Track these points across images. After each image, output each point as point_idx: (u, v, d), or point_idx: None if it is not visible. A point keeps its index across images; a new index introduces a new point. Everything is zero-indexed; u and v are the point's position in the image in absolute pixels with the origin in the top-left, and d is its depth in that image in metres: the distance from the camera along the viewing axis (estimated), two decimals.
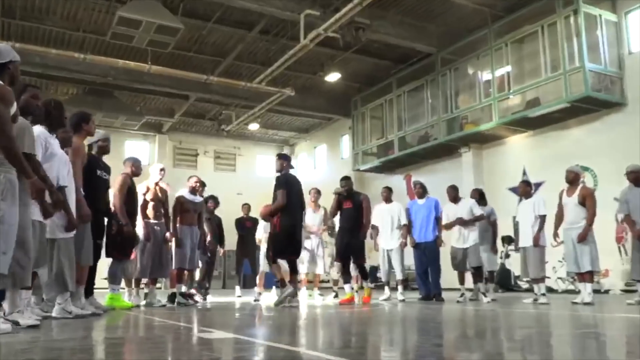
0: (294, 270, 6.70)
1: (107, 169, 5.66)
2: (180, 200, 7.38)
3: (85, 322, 4.16)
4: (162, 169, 7.11)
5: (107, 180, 5.64)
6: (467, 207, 7.81)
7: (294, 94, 15.74)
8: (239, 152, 22.72)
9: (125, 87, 16.21)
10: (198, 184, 7.55)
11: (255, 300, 8.29)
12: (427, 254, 7.97)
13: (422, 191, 8.22)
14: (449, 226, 7.79)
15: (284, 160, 7.19)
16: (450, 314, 5.17)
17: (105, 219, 5.76)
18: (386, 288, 8.37)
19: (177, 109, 18.88)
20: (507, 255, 11.92)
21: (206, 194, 8.71)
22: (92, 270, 5.26)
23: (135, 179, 6.53)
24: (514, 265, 11.08)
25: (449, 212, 7.95)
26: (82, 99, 16.12)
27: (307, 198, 7.97)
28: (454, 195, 8.02)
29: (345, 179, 7.79)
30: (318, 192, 8.86)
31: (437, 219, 7.98)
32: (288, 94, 15.66)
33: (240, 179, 22.04)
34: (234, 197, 15.77)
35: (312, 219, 8.74)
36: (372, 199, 8.41)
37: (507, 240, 11.59)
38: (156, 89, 16.14)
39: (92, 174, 5.34)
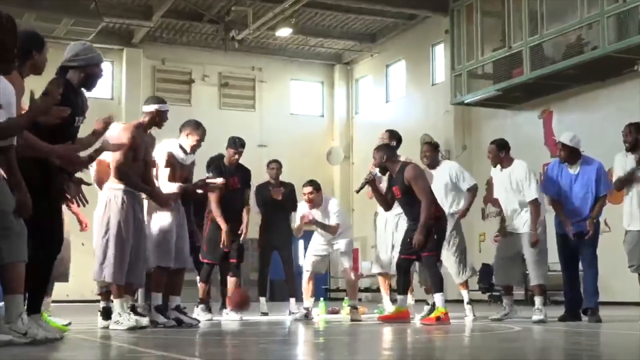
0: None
1: None
2: (167, 158, 7.57)
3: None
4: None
5: None
6: None
7: None
8: (259, 77, 22.84)
9: None
10: (198, 140, 7.76)
11: (305, 317, 8.94)
12: (581, 246, 8.33)
13: (573, 153, 8.39)
14: (623, 183, 8.03)
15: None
16: None
17: None
18: (506, 301, 8.93)
19: (156, 5, 18.97)
20: None
21: (210, 146, 8.84)
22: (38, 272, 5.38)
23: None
24: None
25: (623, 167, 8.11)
26: None
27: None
28: (634, 139, 8.02)
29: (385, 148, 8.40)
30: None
31: (598, 199, 8.30)
32: None
33: (264, 122, 22.23)
34: (254, 151, 15.77)
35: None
36: (486, 152, 8.77)
37: None
38: None
39: None
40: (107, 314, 7.55)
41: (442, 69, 19.47)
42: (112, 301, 7.24)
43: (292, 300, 10.10)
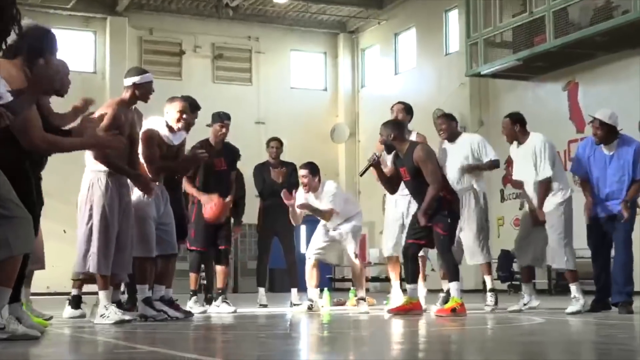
0: None
1: None
2: (152, 137, 7.51)
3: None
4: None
5: None
6: None
7: None
8: (256, 48, 22.86)
9: None
10: (186, 117, 7.68)
11: (309, 309, 8.96)
12: (614, 230, 8.31)
13: (611, 132, 8.28)
14: None
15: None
16: None
17: None
18: (525, 289, 8.99)
19: None
20: None
21: (202, 126, 8.92)
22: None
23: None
24: None
25: None
26: None
27: None
28: None
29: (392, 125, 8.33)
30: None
31: (634, 181, 8.24)
32: None
33: (262, 97, 22.26)
34: (252, 128, 15.78)
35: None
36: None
37: None
38: None
39: None
40: (77, 303, 7.76)
41: (457, 38, 19.50)
42: (83, 290, 7.38)
43: (294, 290, 10.15)
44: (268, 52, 22.85)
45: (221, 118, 9.13)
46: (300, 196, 9.16)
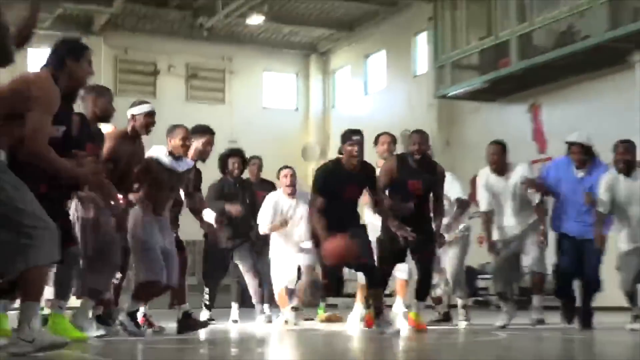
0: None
1: None
2: (150, 166, 7.23)
3: None
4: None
5: None
6: None
7: None
8: (230, 68, 22.88)
9: None
10: (186, 141, 7.31)
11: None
12: (587, 252, 8.27)
13: (583, 155, 8.24)
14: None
15: None
16: None
17: None
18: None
19: None
20: None
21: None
22: None
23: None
24: None
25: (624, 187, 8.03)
26: None
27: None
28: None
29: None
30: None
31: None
32: None
33: (235, 116, 22.23)
34: (224, 147, 15.59)
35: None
36: (471, 148, 8.48)
37: None
38: None
39: None
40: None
41: (425, 60, 19.57)
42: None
43: (264, 307, 9.99)
44: (241, 72, 22.88)
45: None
46: (276, 199, 9.23)
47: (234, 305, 10.36)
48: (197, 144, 7.58)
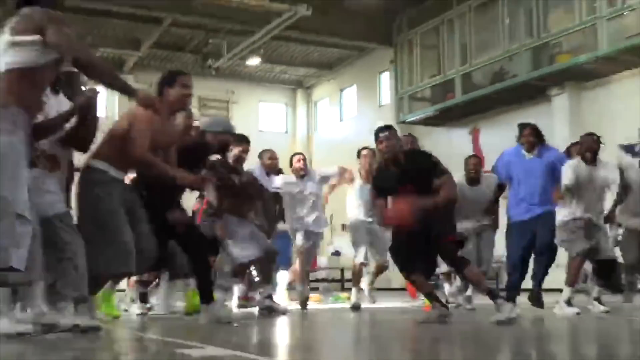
0: None
1: None
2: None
3: None
4: None
5: None
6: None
7: (310, 12, 15.81)
8: (232, 99, 22.89)
9: (71, 7, 16.33)
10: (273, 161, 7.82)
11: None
12: (541, 232, 7.13)
13: (534, 139, 7.42)
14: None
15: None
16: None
17: None
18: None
19: (145, 38, 19.06)
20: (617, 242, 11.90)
21: None
22: None
23: None
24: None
25: None
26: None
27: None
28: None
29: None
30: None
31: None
32: (303, 14, 15.76)
33: None
34: None
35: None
36: None
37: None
38: (115, 10, 16.34)
39: None
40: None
41: (388, 93, 19.59)
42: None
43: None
44: (241, 103, 22.85)
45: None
46: (282, 181, 8.62)
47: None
48: (235, 150, 7.28)
